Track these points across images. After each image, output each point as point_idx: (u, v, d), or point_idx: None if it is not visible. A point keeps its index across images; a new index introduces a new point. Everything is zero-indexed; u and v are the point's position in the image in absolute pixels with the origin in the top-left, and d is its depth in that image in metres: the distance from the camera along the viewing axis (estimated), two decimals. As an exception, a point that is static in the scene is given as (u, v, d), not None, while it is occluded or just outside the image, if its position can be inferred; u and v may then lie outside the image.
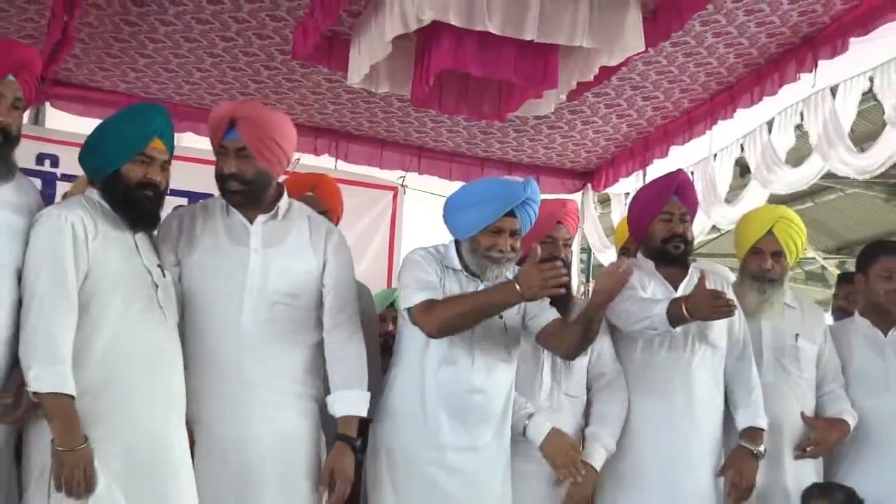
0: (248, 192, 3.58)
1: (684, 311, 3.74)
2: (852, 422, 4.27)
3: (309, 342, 3.60)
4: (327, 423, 3.62)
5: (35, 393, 3.09)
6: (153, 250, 3.47)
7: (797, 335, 4.33)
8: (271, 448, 3.47)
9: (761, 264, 4.29)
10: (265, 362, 3.49)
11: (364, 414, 3.60)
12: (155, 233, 3.57)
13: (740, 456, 4.01)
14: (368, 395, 3.61)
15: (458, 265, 3.72)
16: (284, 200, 3.68)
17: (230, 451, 3.43)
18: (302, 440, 3.54)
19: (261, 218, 3.61)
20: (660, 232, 4.16)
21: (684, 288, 4.11)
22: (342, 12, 4.53)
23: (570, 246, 4.15)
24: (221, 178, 3.60)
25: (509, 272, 3.69)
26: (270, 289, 3.53)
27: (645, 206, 4.28)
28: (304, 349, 3.59)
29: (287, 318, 3.56)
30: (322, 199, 4.29)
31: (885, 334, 4.45)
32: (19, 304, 3.17)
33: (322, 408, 3.60)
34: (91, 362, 3.18)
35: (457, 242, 3.77)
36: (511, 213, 3.61)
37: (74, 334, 3.16)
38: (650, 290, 4.12)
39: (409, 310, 3.59)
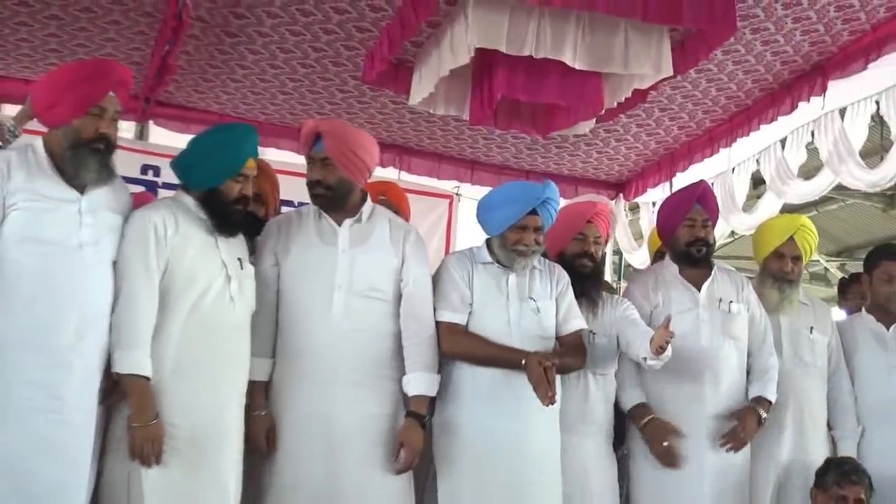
0: (332, 197, 3.59)
1: (639, 423, 3.78)
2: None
3: (389, 331, 3.57)
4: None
5: (117, 373, 3.13)
6: (238, 246, 3.47)
7: (811, 328, 4.28)
8: (356, 426, 3.45)
9: (783, 267, 4.26)
10: (352, 350, 3.48)
11: (433, 394, 3.58)
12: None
13: (748, 413, 3.94)
14: (438, 377, 3.58)
15: (489, 259, 3.71)
16: (368, 205, 3.68)
17: (319, 426, 3.42)
18: (383, 420, 3.52)
19: (347, 221, 3.60)
20: (684, 236, 4.13)
21: (707, 288, 4.09)
22: (407, 43, 4.52)
23: (600, 243, 4.07)
24: (309, 185, 3.60)
25: (536, 262, 3.74)
26: (357, 284, 3.52)
27: (671, 212, 4.24)
28: (386, 338, 3.56)
29: (371, 310, 3.54)
30: (392, 202, 4.27)
31: (888, 329, 4.39)
32: None
33: (400, 388, 3.58)
34: (165, 343, 3.21)
35: (488, 240, 3.76)
36: (533, 212, 3.63)
37: (155, 318, 3.20)
38: (673, 295, 4.09)
39: (438, 322, 3.61)
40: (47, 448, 3.00)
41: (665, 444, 3.83)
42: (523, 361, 3.46)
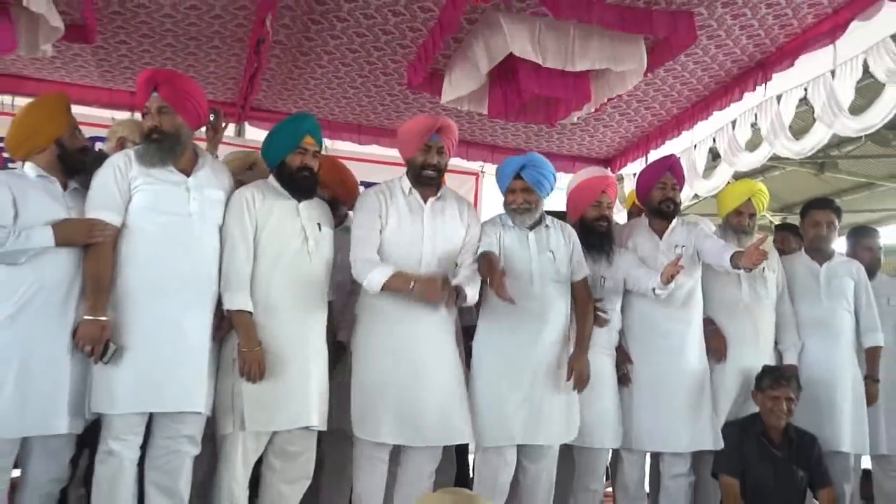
0: (440, 178, 3.61)
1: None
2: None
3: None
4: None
5: (227, 310, 3.20)
6: (320, 214, 3.47)
7: (763, 268, 4.22)
8: (434, 343, 3.47)
9: (741, 221, 4.25)
10: None
11: (471, 303, 3.55)
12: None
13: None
14: (476, 295, 3.55)
15: (511, 223, 3.72)
16: (443, 186, 3.68)
17: (406, 341, 3.42)
18: (448, 340, 3.53)
19: (431, 199, 3.60)
20: (657, 196, 4.13)
21: (667, 236, 4.09)
22: (438, 55, 4.51)
23: (611, 208, 4.09)
24: (426, 167, 3.56)
25: (549, 222, 3.75)
26: (439, 247, 3.53)
27: (648, 178, 4.23)
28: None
29: (445, 268, 3.53)
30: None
31: (821, 265, 4.36)
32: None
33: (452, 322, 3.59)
34: (256, 287, 3.26)
35: None
36: (519, 177, 3.65)
37: (251, 268, 3.25)
38: (639, 242, 4.09)
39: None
40: (174, 367, 3.09)
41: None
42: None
